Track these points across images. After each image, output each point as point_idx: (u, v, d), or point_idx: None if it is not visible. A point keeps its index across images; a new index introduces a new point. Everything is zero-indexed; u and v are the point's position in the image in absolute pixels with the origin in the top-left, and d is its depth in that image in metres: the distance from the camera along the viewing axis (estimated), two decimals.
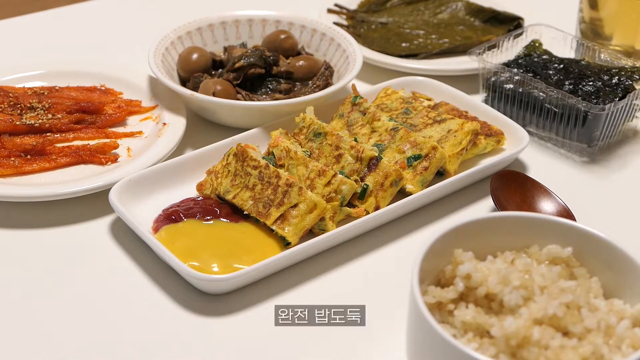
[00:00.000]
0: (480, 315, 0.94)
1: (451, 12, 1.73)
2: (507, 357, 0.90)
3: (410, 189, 1.25)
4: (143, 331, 1.08)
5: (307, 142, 1.30)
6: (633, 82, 1.39)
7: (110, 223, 1.24)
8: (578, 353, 0.90)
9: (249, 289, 1.13)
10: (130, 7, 1.84)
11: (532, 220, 1.03)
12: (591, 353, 0.90)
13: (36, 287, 1.14)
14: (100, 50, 1.66)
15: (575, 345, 0.90)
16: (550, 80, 1.41)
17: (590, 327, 0.92)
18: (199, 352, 1.06)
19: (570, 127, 1.38)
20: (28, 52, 1.65)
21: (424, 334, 0.91)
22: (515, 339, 0.90)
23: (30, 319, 1.10)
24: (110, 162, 1.31)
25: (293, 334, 1.08)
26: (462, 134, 1.30)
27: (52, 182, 1.27)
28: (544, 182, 1.29)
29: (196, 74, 1.45)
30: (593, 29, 1.56)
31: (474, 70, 1.52)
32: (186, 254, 1.13)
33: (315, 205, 1.17)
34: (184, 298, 1.12)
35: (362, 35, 1.66)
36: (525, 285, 0.94)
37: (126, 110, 1.42)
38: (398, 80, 1.47)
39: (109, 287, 1.14)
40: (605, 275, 0.99)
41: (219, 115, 1.41)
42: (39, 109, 1.38)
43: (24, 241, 1.21)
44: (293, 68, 1.47)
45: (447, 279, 0.99)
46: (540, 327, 0.91)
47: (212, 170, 1.26)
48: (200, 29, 1.54)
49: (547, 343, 0.90)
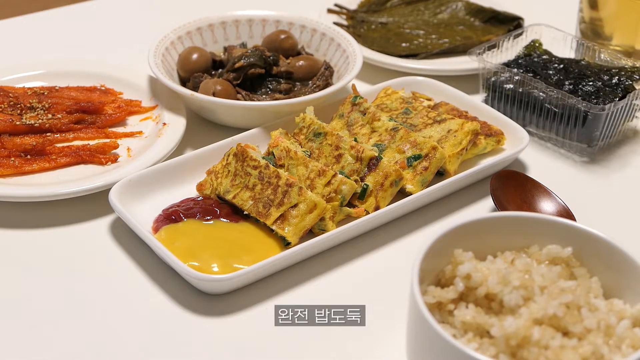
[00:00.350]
0: (480, 315, 0.94)
1: (451, 12, 1.73)
2: (507, 357, 0.90)
3: (410, 189, 1.25)
4: (143, 331, 1.08)
5: (307, 142, 1.30)
6: (633, 82, 1.39)
7: (110, 223, 1.24)
8: (578, 353, 0.90)
9: (249, 289, 1.13)
10: (130, 7, 1.84)
11: (532, 220, 1.03)
12: (591, 353, 0.90)
13: (36, 287, 1.14)
14: (100, 50, 1.66)
15: (575, 345, 0.90)
16: (550, 80, 1.41)
17: (590, 327, 0.92)
18: (199, 352, 1.06)
19: (570, 127, 1.38)
20: (28, 52, 1.65)
21: (424, 334, 0.91)
22: (515, 339, 0.90)
23: (30, 319, 1.10)
24: (110, 162, 1.31)
25: (293, 334, 1.08)
26: (462, 134, 1.30)
27: (52, 182, 1.27)
28: (544, 182, 1.29)
29: (196, 74, 1.45)
30: (593, 29, 1.56)
31: (474, 70, 1.52)
32: (186, 254, 1.13)
33: (315, 205, 1.17)
34: (184, 298, 1.12)
35: (362, 35, 1.66)
36: (525, 285, 0.94)
37: (126, 110, 1.42)
38: (398, 80, 1.47)
39: (109, 287, 1.14)
40: (605, 275, 0.99)
41: (219, 115, 1.41)
42: (39, 109, 1.38)
43: (24, 241, 1.21)
44: (293, 68, 1.47)
45: (447, 279, 0.99)
46: (540, 327, 0.91)
47: (212, 170, 1.26)
48: (200, 29, 1.54)
49: (547, 343, 0.90)
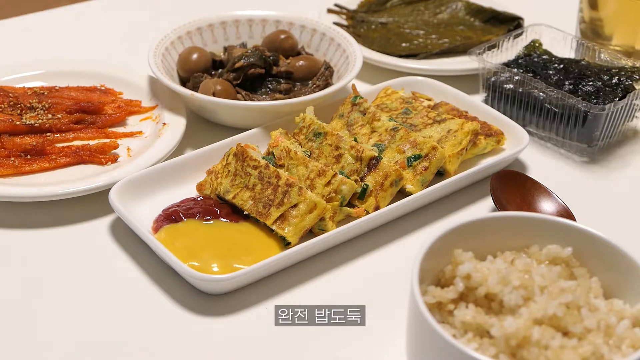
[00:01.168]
0: (480, 315, 0.94)
1: (451, 12, 1.73)
2: (507, 357, 0.90)
3: (410, 189, 1.25)
4: (143, 331, 1.08)
5: (307, 142, 1.30)
6: (633, 82, 1.39)
7: (110, 223, 1.24)
8: (578, 353, 0.90)
9: (249, 289, 1.13)
10: (130, 7, 1.84)
11: (532, 220, 1.03)
12: (591, 353, 0.90)
13: (36, 287, 1.14)
14: (100, 50, 1.66)
15: (575, 345, 0.90)
16: (550, 80, 1.41)
17: (590, 327, 0.92)
18: (199, 352, 1.06)
19: (570, 127, 1.38)
20: (28, 52, 1.65)
21: (424, 334, 0.91)
22: (515, 339, 0.90)
23: (30, 319, 1.09)
24: (110, 162, 1.31)
25: (293, 334, 1.08)
26: (462, 134, 1.30)
27: (52, 182, 1.27)
28: (544, 182, 1.29)
29: (196, 74, 1.45)
30: (593, 29, 1.56)
31: (474, 70, 1.52)
32: (186, 254, 1.13)
33: (315, 205, 1.17)
34: (184, 298, 1.12)
35: (362, 35, 1.66)
36: (525, 285, 0.94)
37: (126, 110, 1.42)
38: (398, 80, 1.47)
39: (109, 287, 1.14)
40: (605, 275, 0.99)
41: (219, 115, 1.41)
42: (39, 109, 1.38)
43: (24, 241, 1.21)
44: (293, 68, 1.47)
45: (447, 279, 0.99)
46: (540, 327, 0.91)
47: (212, 170, 1.26)
48: (200, 29, 1.54)
49: (547, 343, 0.90)
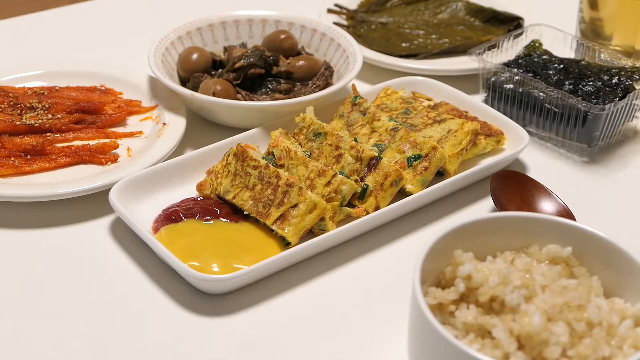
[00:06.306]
0: (481, 315, 0.94)
1: (451, 12, 1.73)
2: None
3: (410, 189, 1.25)
4: (143, 331, 1.08)
5: (307, 142, 1.29)
6: (633, 82, 1.39)
7: (110, 223, 1.24)
8: (579, 352, 0.90)
9: (249, 289, 1.13)
10: (130, 7, 1.84)
11: (532, 220, 1.03)
12: (592, 352, 0.90)
13: (36, 287, 1.14)
14: (100, 50, 1.66)
15: (576, 344, 0.90)
16: (550, 80, 1.41)
17: (593, 324, 0.91)
18: (199, 352, 1.06)
19: (570, 127, 1.38)
20: (28, 52, 1.65)
21: (427, 335, 0.90)
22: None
23: (29, 318, 1.09)
24: (110, 162, 1.31)
25: (293, 334, 1.08)
26: (462, 134, 1.30)
27: (52, 182, 1.27)
28: (544, 182, 1.29)
29: (196, 74, 1.45)
30: (593, 29, 1.56)
31: (474, 70, 1.52)
32: (186, 254, 1.13)
33: (315, 205, 1.17)
34: (184, 298, 1.12)
35: (362, 35, 1.66)
36: (526, 285, 0.94)
37: (126, 110, 1.42)
38: (398, 80, 1.47)
39: (109, 287, 1.14)
40: (605, 274, 0.99)
41: (219, 115, 1.41)
42: (39, 109, 1.38)
43: (24, 241, 1.21)
44: (293, 68, 1.47)
45: (448, 280, 0.99)
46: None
47: (212, 170, 1.26)
48: (200, 29, 1.54)
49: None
